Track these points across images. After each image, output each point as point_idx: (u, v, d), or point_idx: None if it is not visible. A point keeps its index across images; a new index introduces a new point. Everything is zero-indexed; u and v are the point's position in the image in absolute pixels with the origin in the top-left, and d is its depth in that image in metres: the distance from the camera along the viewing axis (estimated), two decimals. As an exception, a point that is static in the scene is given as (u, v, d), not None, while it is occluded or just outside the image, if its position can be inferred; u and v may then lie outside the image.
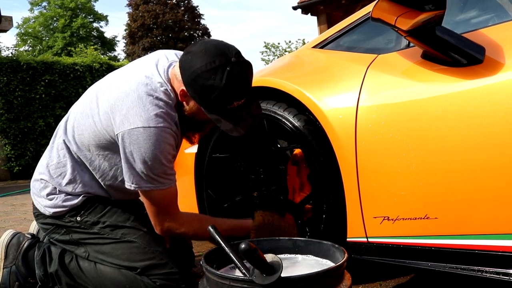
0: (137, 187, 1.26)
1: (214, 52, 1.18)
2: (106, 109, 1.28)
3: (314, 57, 1.61)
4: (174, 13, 24.43)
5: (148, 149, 1.21)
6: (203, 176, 1.70)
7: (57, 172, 1.38)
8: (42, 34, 27.25)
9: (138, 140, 1.21)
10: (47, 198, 1.38)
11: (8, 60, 7.98)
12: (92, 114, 1.32)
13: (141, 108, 1.21)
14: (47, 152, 1.43)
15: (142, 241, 1.34)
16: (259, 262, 0.88)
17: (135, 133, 1.21)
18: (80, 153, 1.36)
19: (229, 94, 1.18)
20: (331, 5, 9.28)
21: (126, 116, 1.22)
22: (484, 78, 1.06)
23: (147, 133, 1.20)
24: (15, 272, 1.40)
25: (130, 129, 1.21)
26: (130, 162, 1.24)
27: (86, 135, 1.33)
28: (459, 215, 1.09)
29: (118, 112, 1.24)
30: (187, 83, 1.21)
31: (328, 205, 1.34)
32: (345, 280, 1.00)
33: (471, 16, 1.37)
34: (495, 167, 1.03)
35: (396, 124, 1.17)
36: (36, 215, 1.44)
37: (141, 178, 1.25)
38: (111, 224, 1.37)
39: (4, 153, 8.06)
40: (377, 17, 1.12)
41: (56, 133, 1.43)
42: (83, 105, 1.37)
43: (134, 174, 1.25)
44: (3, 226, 3.09)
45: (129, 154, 1.23)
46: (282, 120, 1.44)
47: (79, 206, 1.37)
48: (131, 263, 1.32)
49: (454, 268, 1.09)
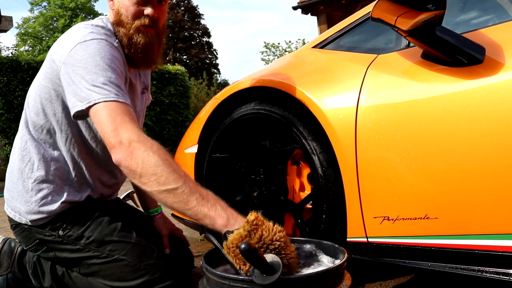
0: (87, 102, 1.09)
1: None
2: (46, 60, 1.26)
3: (314, 57, 1.62)
4: (174, 13, 24.45)
5: (87, 58, 1.13)
6: (203, 176, 1.70)
7: (25, 160, 1.27)
8: (42, 34, 27.27)
9: (77, 56, 1.14)
10: (21, 199, 1.27)
11: (8, 60, 7.98)
12: (33, 85, 1.30)
13: (75, 34, 1.20)
14: (11, 154, 1.35)
15: (132, 257, 1.24)
16: (259, 262, 0.88)
17: (74, 53, 1.15)
18: (38, 123, 1.27)
19: None
20: (331, 5, 9.29)
21: (62, 47, 1.20)
22: (484, 78, 1.06)
23: (84, 45, 1.16)
24: (12, 279, 1.35)
25: (68, 52, 1.16)
26: (73, 81, 1.12)
27: (37, 99, 1.27)
28: (459, 215, 1.09)
29: (56, 51, 1.22)
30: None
31: (328, 205, 1.34)
32: (345, 280, 1.00)
33: (471, 16, 1.37)
34: (495, 167, 1.03)
35: (396, 124, 1.17)
36: (14, 228, 1.33)
37: (88, 89, 1.09)
38: (96, 239, 1.25)
39: (4, 153, 8.06)
40: (377, 17, 1.12)
41: (17, 134, 1.37)
42: (29, 91, 1.35)
43: (80, 89, 1.10)
44: (3, 226, 3.09)
45: (72, 75, 1.13)
46: (282, 120, 1.44)
47: (59, 216, 1.26)
48: (123, 283, 1.24)
49: (454, 268, 1.09)
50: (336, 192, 1.32)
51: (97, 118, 1.09)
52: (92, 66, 1.12)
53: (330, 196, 1.33)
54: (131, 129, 1.05)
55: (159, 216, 1.57)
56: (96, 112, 1.08)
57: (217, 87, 16.08)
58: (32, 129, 1.29)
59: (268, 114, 1.48)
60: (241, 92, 1.59)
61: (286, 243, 0.94)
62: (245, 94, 1.60)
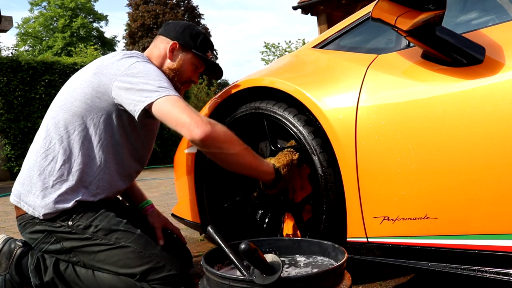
0: (150, 101, 1.26)
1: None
2: (93, 70, 1.37)
3: (314, 57, 1.62)
4: (174, 13, 24.44)
5: (147, 70, 1.33)
6: (203, 176, 1.70)
7: (48, 159, 1.34)
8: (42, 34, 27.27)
9: (136, 70, 1.32)
10: (39, 195, 1.33)
11: (8, 60, 7.97)
12: (74, 88, 1.39)
13: (129, 58, 1.38)
14: (31, 153, 1.40)
15: (137, 245, 1.32)
16: (259, 262, 0.88)
17: (132, 68, 1.33)
18: (72, 127, 1.35)
19: (208, 41, 1.56)
20: (331, 5, 9.28)
21: (117, 66, 1.34)
22: (484, 78, 1.06)
23: (142, 63, 1.36)
24: (9, 280, 1.37)
25: (126, 67, 1.33)
26: (134, 87, 1.29)
27: (77, 104, 1.36)
28: (459, 215, 1.09)
29: (108, 66, 1.36)
30: (176, 37, 1.50)
31: (328, 205, 1.34)
32: (345, 280, 1.00)
33: (471, 16, 1.37)
34: (495, 167, 1.03)
35: (396, 124, 1.17)
36: (23, 226, 1.38)
37: (148, 91, 1.27)
38: (103, 227, 1.33)
39: (4, 153, 8.05)
40: (377, 17, 1.12)
41: (38, 134, 1.42)
42: (60, 96, 1.42)
43: (141, 92, 1.28)
44: (3, 226, 3.09)
45: (131, 83, 1.30)
46: (282, 120, 1.44)
47: (71, 210, 1.33)
48: (128, 269, 1.30)
49: (454, 268, 1.09)
50: (336, 192, 1.32)
51: (168, 107, 1.25)
52: (153, 75, 1.32)
53: (330, 196, 1.33)
54: (203, 120, 1.25)
55: (152, 209, 1.66)
56: (161, 107, 1.25)
57: (217, 87, 16.08)
58: (63, 130, 1.36)
59: (268, 114, 1.48)
60: (241, 92, 1.59)
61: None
62: (245, 94, 1.60)
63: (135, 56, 1.40)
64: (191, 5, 25.54)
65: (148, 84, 1.28)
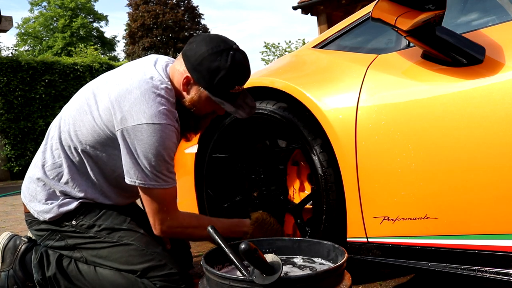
0: (142, 183, 1.25)
1: (217, 39, 1.27)
2: (107, 104, 1.27)
3: (314, 57, 1.61)
4: (174, 13, 24.44)
5: (152, 145, 1.22)
6: (203, 176, 1.70)
7: (54, 172, 1.36)
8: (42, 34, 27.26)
9: (142, 137, 1.21)
10: (44, 202, 1.35)
11: (8, 60, 7.98)
12: (90, 110, 1.31)
13: (144, 105, 1.22)
14: (39, 154, 1.41)
15: (140, 243, 1.33)
16: (259, 262, 0.88)
17: (139, 129, 1.21)
18: (78, 150, 1.34)
19: (233, 76, 1.24)
20: (331, 5, 9.28)
21: (129, 112, 1.22)
22: (484, 78, 1.06)
23: (151, 129, 1.21)
24: (13, 276, 1.39)
25: (134, 125, 1.22)
26: (135, 157, 1.23)
27: (84, 131, 1.32)
28: (459, 215, 1.09)
29: (120, 108, 1.24)
30: (192, 68, 1.25)
31: (328, 205, 1.34)
32: (345, 280, 1.00)
33: (471, 16, 1.37)
34: (495, 167, 1.03)
35: (396, 124, 1.17)
36: (29, 222, 1.41)
37: (146, 175, 1.24)
38: (107, 227, 1.35)
39: (4, 153, 8.06)
40: (377, 17, 1.12)
41: (48, 134, 1.41)
42: (79, 102, 1.36)
43: (139, 170, 1.24)
44: (3, 226, 3.09)
45: (133, 150, 1.23)
46: (282, 120, 1.44)
47: (74, 210, 1.35)
48: (130, 266, 1.31)
49: (454, 268, 1.09)
50: (336, 192, 1.32)
51: (144, 197, 1.29)
52: (153, 154, 1.23)
53: (330, 196, 1.33)
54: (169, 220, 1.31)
55: None
56: (146, 192, 1.27)
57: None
58: (67, 148, 1.35)
59: (268, 114, 1.48)
60: (241, 92, 1.59)
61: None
62: (245, 94, 1.60)
63: (153, 95, 1.23)
64: (191, 5, 25.54)
65: (148, 170, 1.23)
